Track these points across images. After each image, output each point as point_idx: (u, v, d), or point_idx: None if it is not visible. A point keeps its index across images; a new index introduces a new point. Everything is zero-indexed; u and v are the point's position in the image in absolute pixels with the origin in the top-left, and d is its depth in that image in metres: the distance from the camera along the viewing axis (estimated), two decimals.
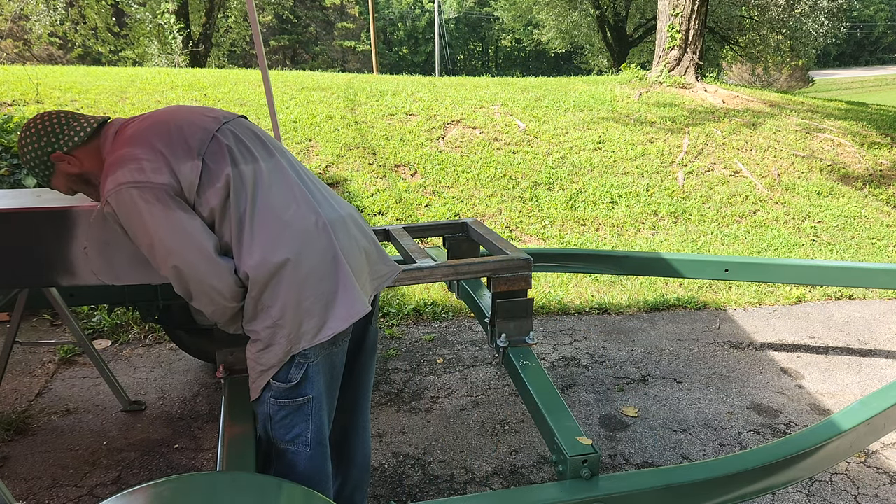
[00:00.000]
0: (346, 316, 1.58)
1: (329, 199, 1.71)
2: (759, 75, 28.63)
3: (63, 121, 1.64)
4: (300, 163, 1.77)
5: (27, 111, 5.94)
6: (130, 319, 3.76)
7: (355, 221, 1.73)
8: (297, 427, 1.62)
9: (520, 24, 30.50)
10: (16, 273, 2.06)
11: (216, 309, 1.58)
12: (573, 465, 1.74)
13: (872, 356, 3.68)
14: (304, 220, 1.56)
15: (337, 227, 1.63)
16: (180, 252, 1.49)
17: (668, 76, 9.32)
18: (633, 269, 3.28)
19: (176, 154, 1.52)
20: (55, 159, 1.63)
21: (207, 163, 1.53)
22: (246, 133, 1.67)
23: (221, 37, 22.13)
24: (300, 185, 1.64)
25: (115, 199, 1.48)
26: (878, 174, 6.94)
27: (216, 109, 1.73)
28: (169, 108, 1.70)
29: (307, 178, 1.70)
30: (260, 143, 1.67)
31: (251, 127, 1.73)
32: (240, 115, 1.76)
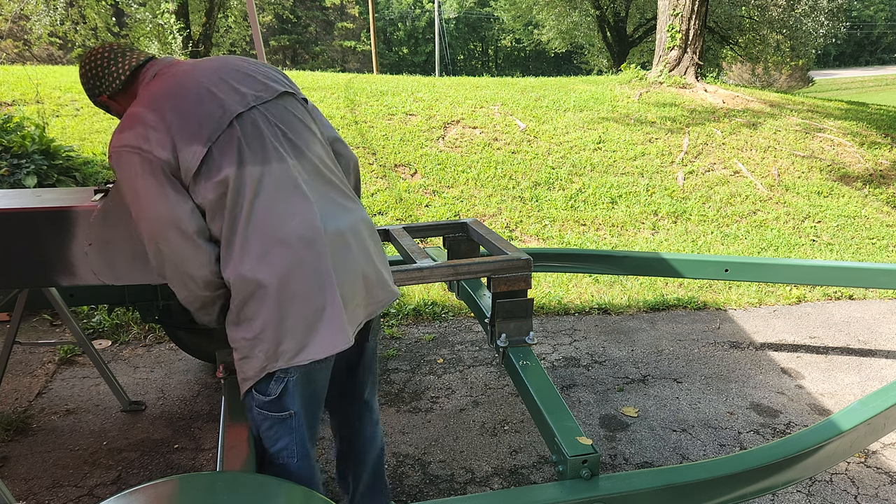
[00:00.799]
0: (327, 346, 1.52)
1: (340, 205, 1.61)
2: (759, 75, 28.63)
3: (105, 63, 1.61)
4: (325, 155, 1.66)
5: (27, 111, 5.94)
6: (130, 319, 3.76)
7: (359, 236, 1.63)
8: (281, 440, 1.60)
9: (520, 24, 30.48)
10: (16, 273, 2.06)
11: (188, 295, 1.57)
12: (573, 465, 1.74)
13: (872, 356, 3.68)
14: (300, 239, 1.49)
15: (337, 246, 1.55)
16: (163, 231, 1.47)
17: (668, 76, 9.33)
18: (633, 269, 3.28)
19: (183, 133, 1.46)
20: (104, 101, 1.65)
21: (213, 152, 1.47)
22: (270, 122, 1.56)
23: (221, 37, 22.12)
24: (308, 194, 1.53)
25: (115, 158, 1.47)
26: (878, 174, 6.94)
27: (259, 78, 1.61)
28: (209, 64, 1.59)
29: (321, 182, 1.60)
30: (280, 137, 1.56)
31: (284, 112, 1.60)
32: (283, 90, 1.63)
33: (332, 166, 1.67)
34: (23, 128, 4.96)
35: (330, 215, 1.56)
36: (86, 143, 5.66)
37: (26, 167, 4.40)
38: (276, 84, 1.63)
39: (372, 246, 1.68)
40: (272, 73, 1.66)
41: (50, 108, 6.27)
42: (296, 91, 1.68)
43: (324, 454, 2.66)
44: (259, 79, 1.61)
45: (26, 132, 4.84)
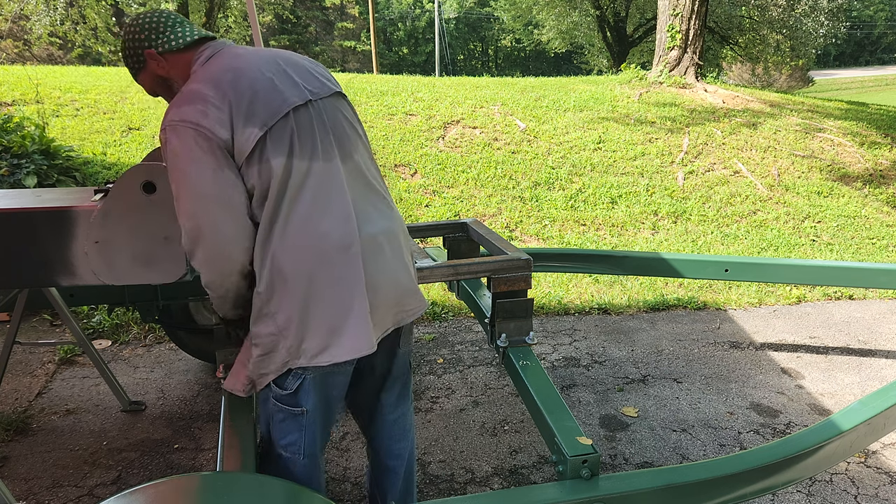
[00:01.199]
0: (349, 349, 1.52)
1: (379, 210, 1.62)
2: (759, 75, 28.64)
3: (170, 23, 1.60)
4: (369, 160, 1.66)
5: (27, 111, 5.94)
6: (130, 319, 3.76)
7: (394, 241, 1.63)
8: (291, 434, 1.61)
9: (520, 24, 30.48)
10: (16, 273, 2.06)
11: (216, 278, 1.54)
12: (573, 465, 1.74)
13: (872, 356, 3.68)
14: (335, 238, 1.50)
15: (371, 250, 1.55)
16: (210, 209, 1.45)
17: (668, 76, 9.33)
18: (633, 269, 3.28)
19: (242, 113, 1.45)
20: (147, 56, 1.59)
21: (267, 139, 1.47)
22: (322, 120, 1.56)
23: (221, 37, 22.11)
24: (349, 196, 1.54)
25: (171, 132, 1.44)
26: (878, 174, 6.94)
27: (315, 74, 1.62)
28: (270, 53, 1.60)
29: (363, 186, 1.60)
30: (329, 137, 1.56)
31: (335, 112, 1.61)
32: (337, 90, 1.64)
33: (374, 171, 1.68)
34: (23, 128, 4.96)
35: (368, 219, 1.57)
36: (86, 143, 5.66)
37: (26, 167, 4.40)
38: (330, 83, 1.64)
39: (406, 254, 1.68)
40: (326, 72, 1.68)
41: (50, 108, 6.27)
42: (342, 90, 1.69)
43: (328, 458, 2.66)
44: (315, 75, 1.62)
45: (26, 132, 4.84)
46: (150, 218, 2.02)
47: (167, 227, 2.04)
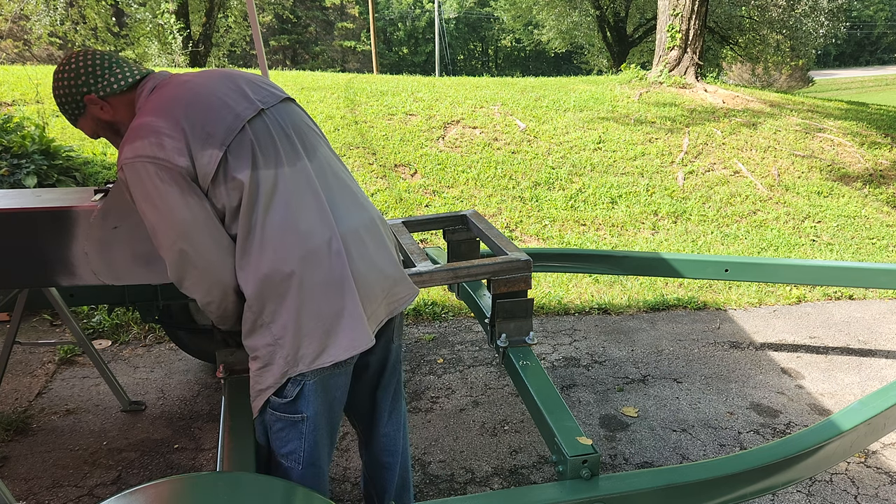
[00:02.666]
0: (348, 346, 1.51)
1: (354, 202, 1.62)
2: (759, 75, 28.63)
3: (106, 64, 1.57)
4: (333, 156, 1.67)
5: (27, 111, 5.93)
6: (130, 319, 3.76)
7: (375, 232, 1.63)
8: (291, 443, 1.59)
9: (520, 24, 30.48)
10: (16, 273, 2.06)
11: (211, 301, 1.55)
12: (573, 465, 1.74)
13: (872, 356, 3.68)
14: (316, 238, 1.49)
15: (353, 244, 1.55)
16: (193, 237, 1.45)
17: (668, 76, 9.32)
18: (633, 269, 3.28)
19: (197, 137, 1.44)
20: (88, 101, 1.56)
21: (228, 157, 1.45)
22: (279, 125, 1.56)
23: (221, 37, 22.12)
24: (322, 194, 1.54)
25: (130, 170, 1.42)
26: (878, 174, 6.94)
27: (261, 85, 1.62)
28: (212, 74, 1.59)
29: (333, 181, 1.60)
30: (290, 140, 1.56)
31: (289, 116, 1.61)
32: (285, 97, 1.64)
33: (340, 165, 1.69)
34: (23, 128, 4.96)
35: (344, 214, 1.57)
36: (86, 143, 5.65)
37: (26, 167, 4.40)
38: (276, 90, 1.64)
39: (389, 243, 1.69)
40: (269, 82, 1.69)
41: (50, 108, 6.27)
42: (292, 99, 1.72)
43: None
44: (261, 85, 1.62)
45: (26, 132, 4.84)
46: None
47: None
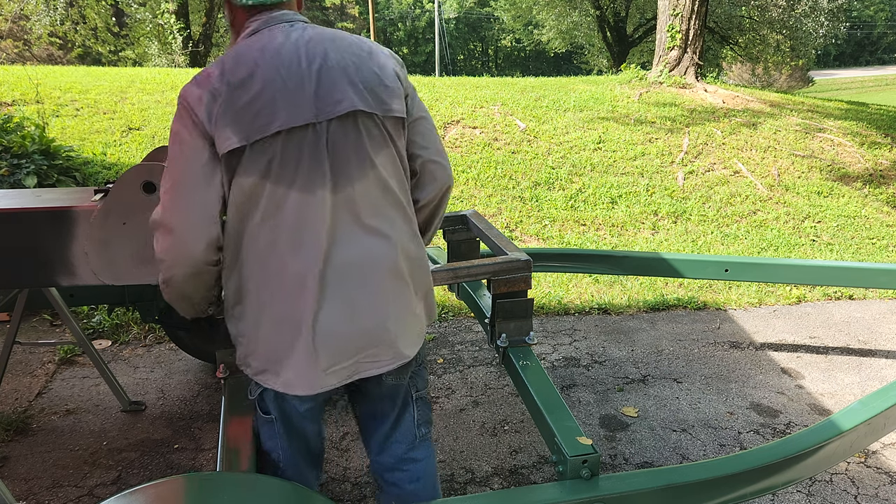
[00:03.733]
0: (283, 383, 1.45)
1: (370, 242, 1.45)
2: (759, 75, 28.63)
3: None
4: (379, 189, 1.46)
5: (27, 111, 5.93)
6: (130, 319, 3.76)
7: (379, 278, 1.46)
8: (269, 440, 1.61)
9: (520, 24, 30.48)
10: (16, 273, 2.06)
11: (174, 274, 1.47)
12: (573, 465, 1.74)
13: (872, 356, 3.68)
14: (290, 273, 1.41)
15: (337, 288, 1.42)
16: (182, 197, 1.39)
17: (668, 76, 9.32)
18: (633, 269, 3.28)
19: (230, 113, 1.35)
20: None
21: (247, 152, 1.37)
22: (318, 146, 1.40)
23: (221, 37, 22.11)
24: (326, 228, 1.41)
25: (178, 105, 1.41)
26: (878, 174, 6.94)
27: (346, 85, 1.42)
28: (314, 48, 1.42)
29: (352, 217, 1.44)
30: (320, 166, 1.40)
31: (341, 137, 1.42)
32: (353, 109, 1.42)
33: (381, 204, 1.48)
34: (23, 128, 4.96)
35: (343, 252, 1.43)
36: (86, 143, 5.66)
37: (26, 167, 4.40)
38: (356, 98, 1.43)
39: (398, 295, 1.50)
40: (372, 78, 1.46)
41: (50, 108, 6.27)
42: (376, 107, 1.46)
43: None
44: (346, 85, 1.43)
45: (26, 132, 4.84)
46: (150, 218, 2.02)
47: None
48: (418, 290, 1.57)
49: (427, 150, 1.60)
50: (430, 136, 1.61)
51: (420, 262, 1.57)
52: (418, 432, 1.71)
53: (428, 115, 1.62)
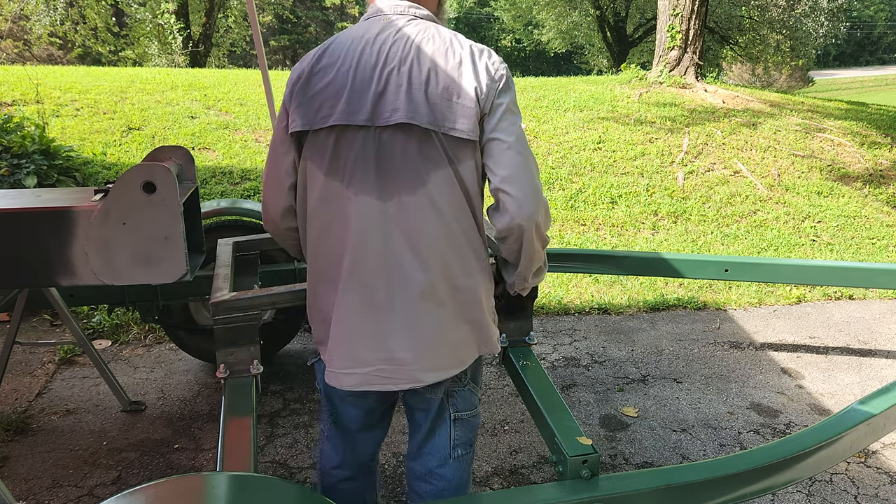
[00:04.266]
0: (327, 363, 1.54)
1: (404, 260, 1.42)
2: (759, 75, 28.63)
3: None
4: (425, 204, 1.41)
5: (27, 111, 5.93)
6: (130, 319, 3.76)
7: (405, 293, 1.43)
8: (321, 410, 1.77)
9: (520, 24, 30.48)
10: (16, 273, 2.06)
11: (265, 223, 1.65)
12: (573, 465, 1.74)
13: (872, 356, 3.68)
14: (331, 264, 1.47)
15: (359, 292, 1.44)
16: (268, 161, 1.55)
17: (668, 76, 9.32)
18: (633, 269, 3.28)
19: (298, 97, 1.44)
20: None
21: (309, 136, 1.44)
22: (371, 152, 1.40)
23: (221, 37, 22.13)
24: (357, 233, 1.41)
25: None
26: (878, 174, 6.94)
27: (408, 95, 1.38)
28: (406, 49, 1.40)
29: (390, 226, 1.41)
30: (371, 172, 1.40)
31: (394, 144, 1.39)
32: (406, 122, 1.37)
33: (427, 225, 1.42)
34: (23, 128, 4.96)
35: (372, 272, 1.43)
36: (86, 143, 5.66)
37: (26, 167, 4.40)
38: (412, 109, 1.38)
39: (419, 322, 1.46)
40: (436, 93, 1.39)
41: (50, 108, 6.27)
42: (433, 124, 1.38)
43: None
44: (408, 95, 1.38)
45: (26, 132, 4.84)
46: (150, 218, 2.02)
47: (167, 227, 2.04)
48: (460, 317, 1.50)
49: (495, 177, 1.44)
50: (501, 160, 1.42)
51: (469, 292, 1.49)
52: (453, 452, 1.68)
53: (508, 137, 1.42)
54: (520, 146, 1.43)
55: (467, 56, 1.42)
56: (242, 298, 1.96)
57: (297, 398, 3.07)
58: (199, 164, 5.60)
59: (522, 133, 1.46)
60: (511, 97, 1.45)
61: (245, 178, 5.46)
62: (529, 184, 1.42)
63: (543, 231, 1.50)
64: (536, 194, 1.43)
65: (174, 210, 2.03)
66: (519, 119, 1.46)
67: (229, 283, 2.12)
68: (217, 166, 5.60)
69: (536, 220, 1.44)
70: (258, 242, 2.71)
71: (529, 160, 1.44)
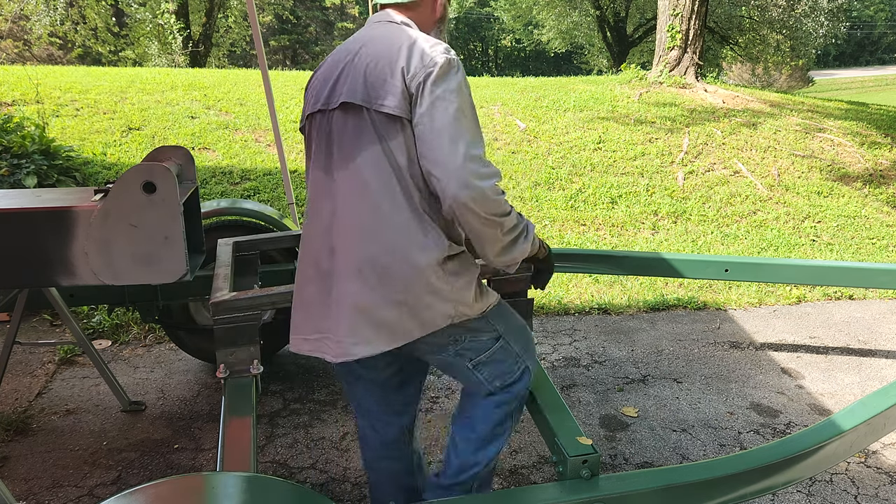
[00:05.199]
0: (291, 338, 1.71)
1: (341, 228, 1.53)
2: (759, 75, 28.64)
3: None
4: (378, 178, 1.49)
5: (27, 111, 5.94)
6: (130, 319, 3.76)
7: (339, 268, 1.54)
8: None
9: (520, 24, 30.48)
10: (16, 273, 2.06)
11: None
12: (573, 466, 1.74)
13: (872, 356, 3.68)
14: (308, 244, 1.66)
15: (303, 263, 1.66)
16: None
17: (668, 76, 9.32)
18: (633, 269, 3.28)
19: (306, 94, 1.69)
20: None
21: (308, 128, 1.67)
22: (330, 131, 1.56)
23: (221, 37, 22.14)
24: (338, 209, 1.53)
25: None
26: (878, 174, 6.94)
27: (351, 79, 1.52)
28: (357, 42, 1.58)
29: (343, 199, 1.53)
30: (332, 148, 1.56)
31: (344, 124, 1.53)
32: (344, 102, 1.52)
33: (358, 201, 1.51)
34: (23, 128, 4.96)
35: (312, 247, 1.62)
36: (86, 143, 5.66)
37: (26, 167, 4.40)
38: (350, 89, 1.51)
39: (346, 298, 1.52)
40: (374, 74, 1.49)
41: (50, 108, 6.27)
42: (365, 100, 1.49)
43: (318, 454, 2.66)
44: (350, 79, 1.52)
45: (26, 132, 4.84)
46: (150, 218, 2.02)
47: (167, 227, 2.04)
48: (389, 297, 1.50)
49: (423, 161, 1.46)
50: (426, 143, 1.44)
51: (399, 272, 1.48)
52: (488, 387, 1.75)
53: (435, 122, 1.43)
54: (451, 130, 1.42)
55: (410, 44, 1.49)
56: (242, 298, 1.96)
57: (297, 398, 3.07)
58: (199, 164, 5.61)
59: (458, 119, 1.43)
60: (448, 87, 1.44)
61: (245, 178, 5.46)
62: (453, 165, 1.40)
63: (481, 211, 1.43)
64: (460, 176, 1.40)
65: (174, 210, 2.03)
66: (457, 107, 1.43)
67: (229, 283, 2.13)
68: (217, 166, 5.60)
69: (463, 201, 1.41)
70: (258, 242, 2.71)
71: (459, 143, 1.41)
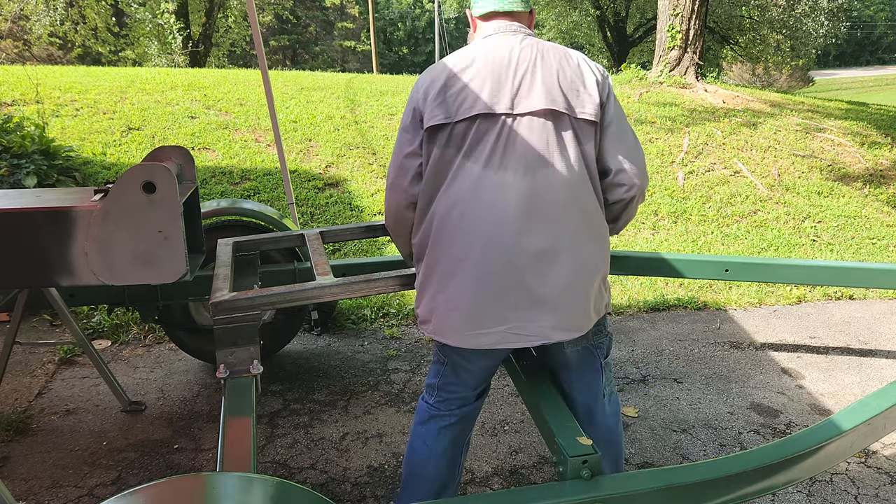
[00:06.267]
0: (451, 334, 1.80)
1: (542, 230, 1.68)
2: (759, 75, 28.65)
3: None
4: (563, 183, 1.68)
5: (27, 111, 5.94)
6: (130, 319, 3.76)
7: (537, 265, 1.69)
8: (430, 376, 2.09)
9: None
10: (16, 273, 2.06)
11: (386, 214, 1.87)
12: (573, 466, 1.74)
13: (872, 356, 3.68)
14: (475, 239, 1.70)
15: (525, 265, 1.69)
16: (396, 152, 1.80)
17: (668, 76, 9.32)
18: (633, 269, 3.28)
19: (442, 97, 1.68)
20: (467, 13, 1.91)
21: (452, 129, 1.68)
22: (511, 135, 1.66)
23: (221, 37, 22.13)
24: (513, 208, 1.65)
25: None
26: (878, 174, 6.94)
27: (544, 88, 1.67)
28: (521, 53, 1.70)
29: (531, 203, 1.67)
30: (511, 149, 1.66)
31: (533, 132, 1.67)
32: (546, 108, 1.66)
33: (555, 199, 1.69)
34: (23, 128, 4.96)
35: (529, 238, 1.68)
36: (86, 143, 5.66)
37: (26, 167, 4.40)
38: (549, 98, 1.68)
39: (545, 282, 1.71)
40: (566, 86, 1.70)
41: (50, 108, 6.27)
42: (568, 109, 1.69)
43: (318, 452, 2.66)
44: (539, 88, 1.68)
45: (26, 132, 4.84)
46: (150, 218, 2.02)
47: (167, 227, 2.04)
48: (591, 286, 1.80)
49: (616, 154, 1.76)
50: (622, 139, 1.76)
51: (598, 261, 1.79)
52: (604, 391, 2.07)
53: (623, 122, 1.77)
54: (632, 131, 1.81)
55: (582, 61, 1.77)
56: (242, 298, 1.96)
57: (297, 398, 3.07)
58: (199, 164, 5.61)
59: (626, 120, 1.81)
60: (613, 92, 1.81)
61: (245, 177, 5.47)
62: (641, 161, 1.78)
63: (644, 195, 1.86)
64: (644, 168, 1.80)
65: (174, 210, 2.03)
66: (623, 112, 1.81)
67: (229, 283, 2.13)
68: (217, 166, 5.60)
69: (643, 188, 1.80)
70: (258, 242, 2.71)
71: (637, 142, 1.81)
